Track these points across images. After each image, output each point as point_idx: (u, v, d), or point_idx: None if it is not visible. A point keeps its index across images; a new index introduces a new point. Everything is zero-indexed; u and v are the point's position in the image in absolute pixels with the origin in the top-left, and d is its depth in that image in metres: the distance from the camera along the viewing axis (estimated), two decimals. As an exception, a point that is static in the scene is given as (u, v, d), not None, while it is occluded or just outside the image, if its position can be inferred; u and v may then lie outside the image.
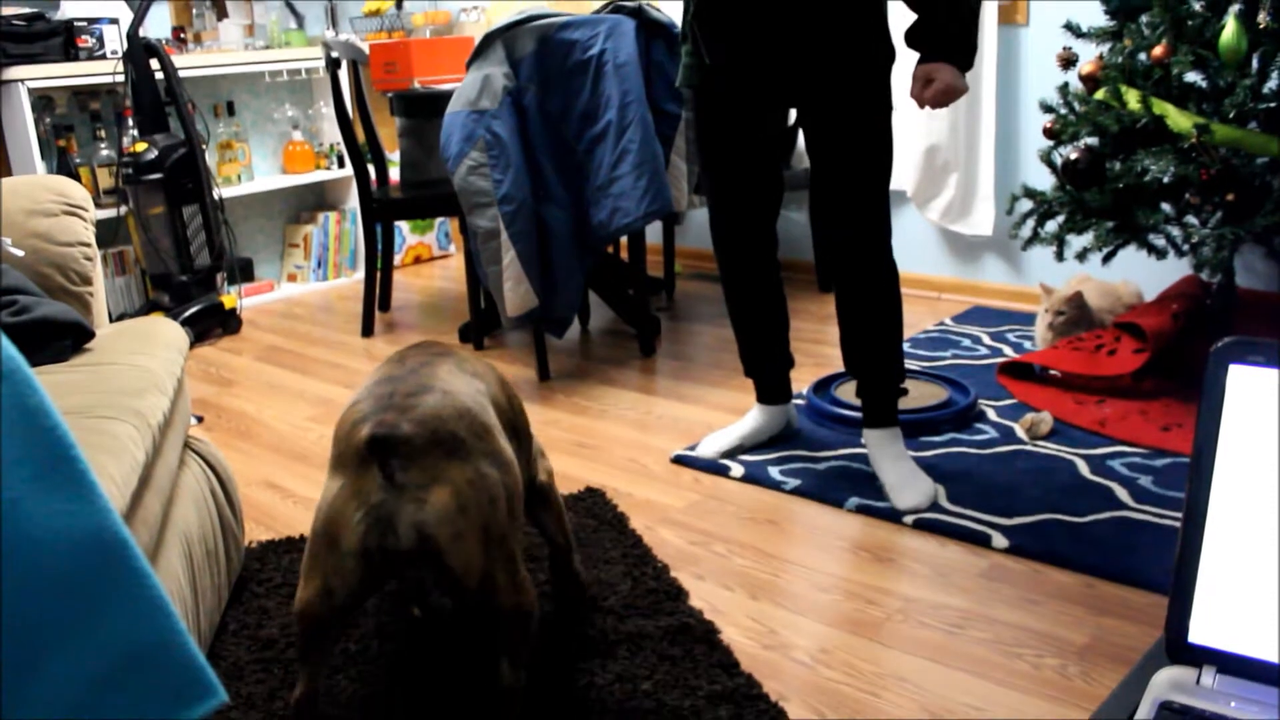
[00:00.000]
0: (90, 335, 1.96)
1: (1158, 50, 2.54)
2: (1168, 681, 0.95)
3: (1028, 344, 3.34)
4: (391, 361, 1.60)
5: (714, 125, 2.37)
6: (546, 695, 1.72)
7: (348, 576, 1.38)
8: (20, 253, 2.03)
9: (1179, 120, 2.46)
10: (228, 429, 3.08)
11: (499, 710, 1.52)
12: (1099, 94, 2.68)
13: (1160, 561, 2.01)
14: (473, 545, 1.39)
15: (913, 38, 2.22)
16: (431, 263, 5.26)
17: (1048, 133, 2.83)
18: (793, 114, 3.69)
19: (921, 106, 2.25)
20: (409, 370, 1.53)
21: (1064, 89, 2.85)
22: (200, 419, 3.17)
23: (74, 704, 0.82)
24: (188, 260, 3.94)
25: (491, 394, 1.63)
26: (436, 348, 1.65)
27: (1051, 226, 2.90)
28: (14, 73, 3.76)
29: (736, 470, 2.55)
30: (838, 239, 2.32)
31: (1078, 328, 3.08)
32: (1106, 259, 2.77)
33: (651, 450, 2.73)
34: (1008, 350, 3.29)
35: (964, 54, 2.19)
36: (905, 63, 2.86)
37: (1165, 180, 2.55)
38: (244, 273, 4.62)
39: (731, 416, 2.89)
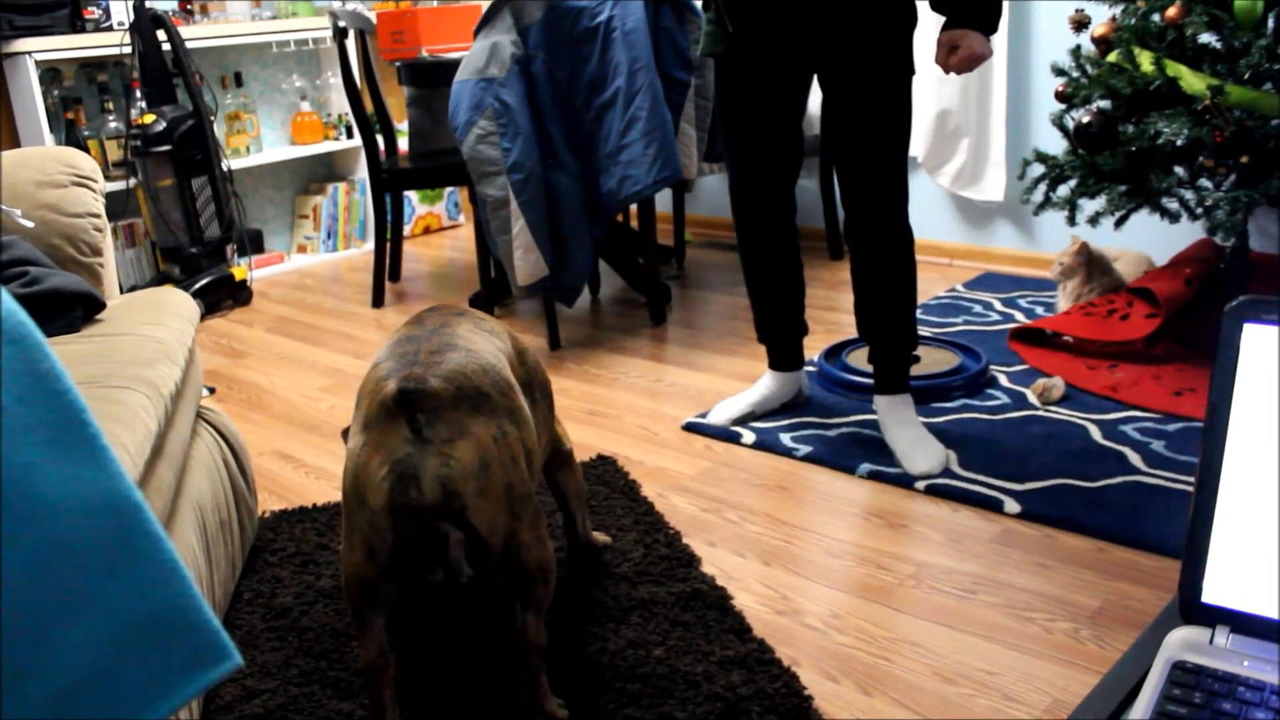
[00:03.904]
0: (101, 306, 1.96)
1: (1171, 11, 2.51)
2: (1181, 641, 0.95)
3: (1039, 309, 3.32)
4: (410, 323, 1.61)
5: (737, 92, 2.36)
6: (560, 661, 1.73)
7: (383, 534, 1.39)
8: (30, 224, 2.03)
9: (1193, 82, 2.44)
10: (239, 400, 3.09)
11: (525, 666, 1.54)
12: (1111, 56, 2.66)
13: (1172, 526, 2.01)
14: (497, 503, 1.40)
15: (939, 2, 2.20)
16: (441, 233, 5.25)
17: (1059, 96, 2.80)
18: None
19: (947, 73, 2.24)
20: (430, 330, 1.54)
21: (1076, 51, 2.82)
22: (212, 390, 3.18)
23: (91, 668, 0.83)
24: (197, 232, 3.94)
25: (507, 352, 1.64)
26: (453, 309, 1.66)
27: (1063, 191, 2.88)
28: (21, 45, 3.75)
29: (748, 437, 2.55)
30: (855, 202, 2.31)
31: (1070, 277, 3.08)
32: (1119, 223, 2.75)
33: (663, 418, 2.73)
34: (1019, 316, 3.28)
35: (989, 20, 2.18)
36: (925, 26, 2.83)
37: (1178, 143, 2.53)
38: (254, 244, 4.62)
39: (742, 384, 2.89)
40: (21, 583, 0.80)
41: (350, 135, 4.84)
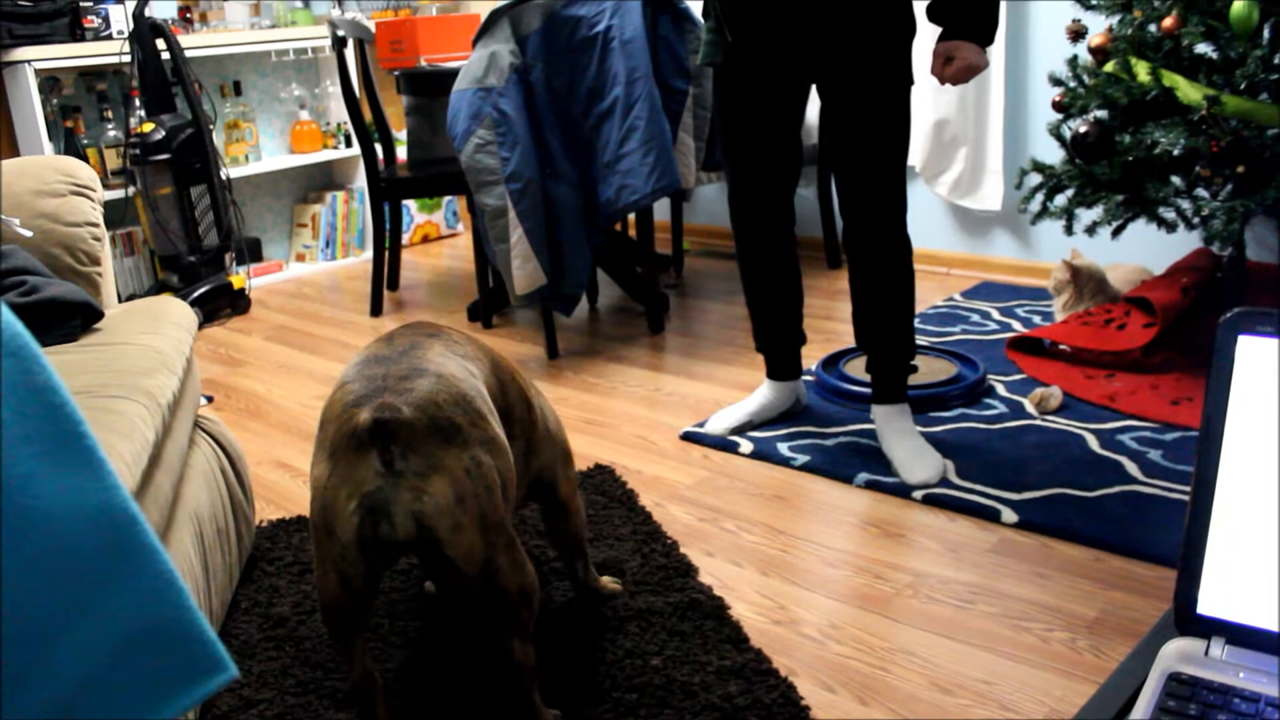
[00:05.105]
0: (99, 315, 1.96)
1: (1168, 21, 2.52)
2: (1176, 653, 0.94)
3: (1037, 319, 3.33)
4: (380, 341, 1.56)
5: (736, 101, 2.36)
6: (557, 671, 1.72)
7: (355, 565, 1.37)
8: (29, 233, 2.04)
9: (1189, 92, 2.45)
10: (238, 409, 3.09)
11: (514, 685, 1.53)
12: (1108, 66, 2.66)
13: (1170, 535, 2.01)
14: (472, 535, 1.37)
15: (935, 13, 2.21)
16: (439, 241, 5.26)
17: (1057, 106, 2.81)
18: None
19: (942, 83, 2.25)
20: (399, 351, 1.49)
21: (1073, 61, 2.82)
22: (210, 399, 3.18)
23: (86, 679, 0.83)
24: (196, 241, 3.94)
25: (484, 377, 1.58)
26: (427, 328, 1.61)
27: (1060, 200, 2.89)
28: (20, 53, 3.75)
29: (745, 447, 2.55)
30: (853, 212, 2.32)
31: (1061, 293, 3.11)
32: (1116, 232, 2.76)
33: (660, 427, 2.73)
34: (1017, 325, 3.28)
35: (986, 31, 2.19)
36: (924, 36, 2.84)
37: (1175, 153, 2.53)
38: (252, 253, 4.62)
39: (740, 393, 2.89)
40: (17, 593, 0.80)
41: (349, 144, 4.84)
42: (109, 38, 3.98)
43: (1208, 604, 0.95)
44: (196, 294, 3.90)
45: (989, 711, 1.60)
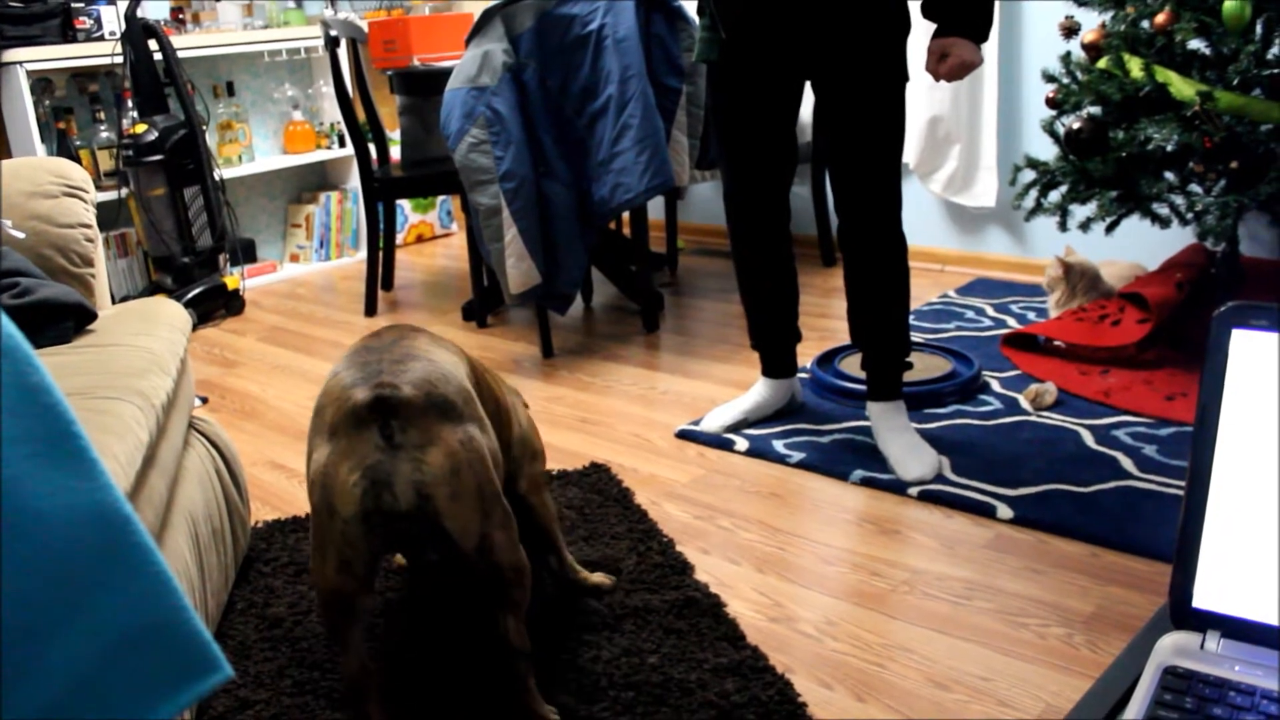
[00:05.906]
0: (92, 317, 1.96)
1: (1160, 17, 2.52)
2: (1172, 647, 0.95)
3: (1032, 315, 3.33)
4: (367, 336, 1.61)
5: (731, 98, 2.36)
6: (554, 669, 1.72)
7: (357, 544, 1.39)
8: (21, 235, 2.03)
9: (1182, 88, 2.45)
10: (232, 409, 3.09)
11: (511, 671, 1.54)
12: (1101, 62, 2.66)
13: (1165, 530, 2.01)
14: (469, 505, 1.41)
15: (930, 9, 2.21)
16: (434, 241, 5.25)
17: (1050, 102, 2.81)
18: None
19: (937, 80, 2.25)
20: (388, 342, 1.54)
21: (1066, 58, 2.83)
22: (205, 400, 3.17)
23: (78, 680, 0.82)
24: (190, 242, 3.94)
25: (465, 369, 1.63)
26: (410, 326, 1.66)
27: (1054, 197, 2.89)
28: (12, 55, 3.75)
29: (741, 444, 2.55)
30: (848, 209, 2.32)
31: (1054, 289, 3.11)
32: (1110, 228, 2.76)
33: (656, 425, 2.73)
34: (1011, 321, 3.29)
35: (981, 28, 2.19)
36: (917, 33, 2.84)
37: (1168, 149, 2.54)
38: (246, 254, 4.61)
39: (736, 391, 2.89)
40: (10, 594, 0.80)
41: (342, 144, 4.83)
42: (101, 39, 3.97)
43: (1203, 598, 0.95)
44: (190, 295, 3.89)
45: (985, 707, 1.60)
